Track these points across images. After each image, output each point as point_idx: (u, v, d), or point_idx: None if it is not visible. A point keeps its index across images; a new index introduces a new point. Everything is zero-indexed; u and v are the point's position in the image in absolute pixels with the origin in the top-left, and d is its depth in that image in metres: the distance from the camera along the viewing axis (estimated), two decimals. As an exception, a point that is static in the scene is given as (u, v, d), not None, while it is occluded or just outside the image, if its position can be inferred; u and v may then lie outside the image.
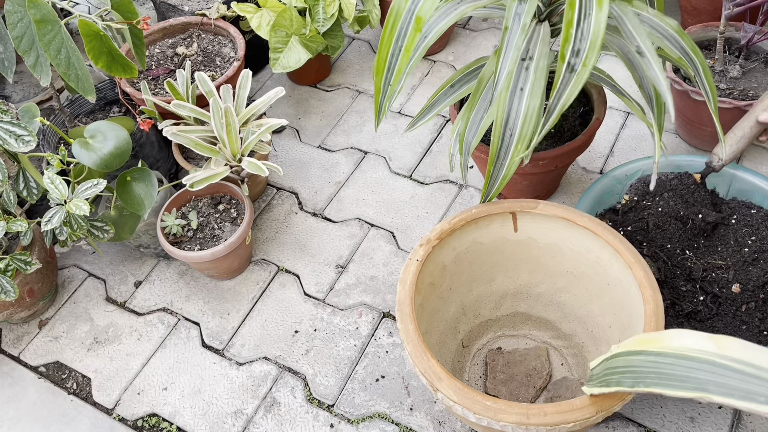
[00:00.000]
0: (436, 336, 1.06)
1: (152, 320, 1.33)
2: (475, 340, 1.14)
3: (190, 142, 1.21)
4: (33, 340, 1.34)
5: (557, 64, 0.80)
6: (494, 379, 1.09)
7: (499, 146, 0.95)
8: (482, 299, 1.12)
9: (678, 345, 0.64)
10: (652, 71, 0.84)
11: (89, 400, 1.24)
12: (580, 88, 0.79)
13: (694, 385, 0.61)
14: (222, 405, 1.19)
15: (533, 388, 1.07)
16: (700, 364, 0.61)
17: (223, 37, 1.57)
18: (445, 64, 1.74)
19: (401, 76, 0.84)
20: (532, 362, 1.10)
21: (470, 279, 1.09)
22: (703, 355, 0.62)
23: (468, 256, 1.05)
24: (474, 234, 1.02)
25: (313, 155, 1.57)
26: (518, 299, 1.12)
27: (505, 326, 1.14)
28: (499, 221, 1.01)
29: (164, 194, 1.32)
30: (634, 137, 1.49)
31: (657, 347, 0.66)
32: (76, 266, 1.44)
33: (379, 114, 0.89)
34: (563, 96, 0.79)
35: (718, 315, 1.05)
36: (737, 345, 0.60)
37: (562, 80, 0.79)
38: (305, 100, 1.71)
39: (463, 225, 1.00)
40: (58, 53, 1.07)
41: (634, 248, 0.92)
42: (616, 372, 0.70)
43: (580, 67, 0.78)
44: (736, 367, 0.59)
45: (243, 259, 1.33)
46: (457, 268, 1.05)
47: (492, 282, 1.11)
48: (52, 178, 1.04)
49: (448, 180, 1.47)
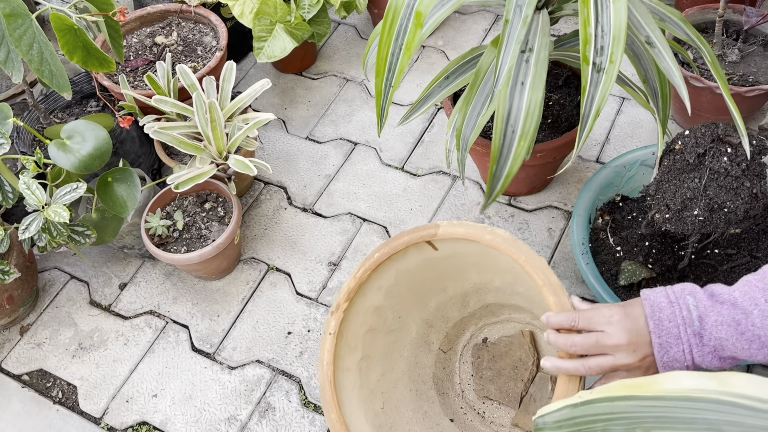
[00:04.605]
0: (403, 365, 1.03)
1: (139, 324, 1.28)
2: (457, 339, 1.10)
3: (174, 139, 1.15)
4: (14, 347, 1.28)
5: (581, 68, 0.75)
6: (481, 378, 1.06)
7: (501, 143, 0.91)
8: (444, 306, 1.07)
9: (677, 387, 0.61)
10: (663, 62, 0.80)
11: (76, 409, 1.20)
12: (611, 88, 0.74)
13: (705, 426, 0.57)
14: (215, 411, 1.16)
15: (521, 381, 1.04)
16: (706, 404, 0.58)
17: (204, 26, 1.50)
18: (435, 50, 1.68)
19: (402, 75, 0.79)
20: (517, 352, 1.06)
21: (419, 297, 1.04)
22: (707, 395, 0.58)
23: (401, 286, 0.99)
24: (395, 267, 0.96)
25: (301, 147, 1.52)
26: (481, 294, 1.07)
27: (484, 316, 1.10)
28: (413, 249, 0.94)
29: (147, 193, 1.26)
30: (630, 123, 1.45)
31: (651, 391, 0.63)
32: (57, 268, 1.39)
33: (381, 118, 0.84)
34: (596, 99, 0.75)
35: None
36: (742, 380, 0.57)
37: (591, 82, 0.75)
38: (291, 89, 1.65)
39: (370, 274, 0.93)
40: (30, 48, 1.00)
41: (526, 253, 0.85)
42: (598, 420, 0.66)
43: (607, 64, 0.73)
44: (745, 403, 0.56)
45: (232, 258, 1.29)
46: (396, 300, 1.00)
47: (445, 290, 1.06)
48: (29, 183, 0.98)
49: (441, 171, 1.43)
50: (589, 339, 0.74)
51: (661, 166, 0.90)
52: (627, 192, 1.21)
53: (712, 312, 0.69)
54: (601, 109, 0.76)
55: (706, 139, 0.85)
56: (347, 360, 0.93)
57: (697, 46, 0.89)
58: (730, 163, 0.86)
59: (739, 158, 0.85)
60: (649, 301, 0.72)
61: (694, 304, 0.70)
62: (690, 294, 0.71)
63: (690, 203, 0.86)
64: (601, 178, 1.18)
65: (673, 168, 0.88)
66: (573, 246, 1.10)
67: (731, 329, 0.68)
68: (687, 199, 0.86)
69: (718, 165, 0.86)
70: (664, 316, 0.71)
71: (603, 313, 0.75)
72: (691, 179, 0.86)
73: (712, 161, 0.84)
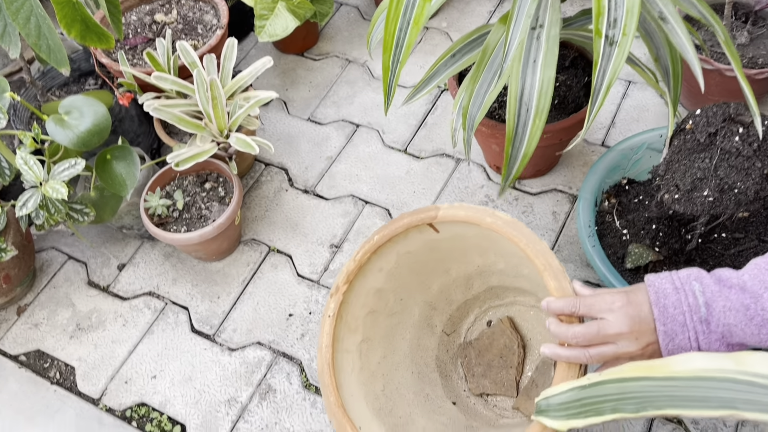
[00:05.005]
0: (405, 347, 1.01)
1: (138, 305, 1.27)
2: (460, 321, 1.09)
3: (174, 117, 1.13)
4: (11, 327, 1.27)
5: (593, 41, 0.73)
6: (473, 376, 1.04)
7: (515, 123, 0.89)
8: (447, 288, 1.06)
9: (690, 367, 0.60)
10: (676, 38, 0.79)
11: (74, 390, 1.18)
12: (624, 61, 0.73)
13: (719, 404, 0.57)
14: (215, 393, 1.14)
15: (512, 367, 1.02)
16: (721, 383, 0.57)
17: (205, 3, 1.47)
18: (438, 31, 1.66)
19: (411, 50, 0.77)
20: (500, 340, 1.04)
21: (421, 279, 1.02)
22: (722, 374, 0.58)
23: (403, 268, 0.98)
24: (396, 249, 0.94)
25: (302, 128, 1.50)
26: (485, 276, 1.05)
27: (488, 299, 1.09)
28: (414, 231, 0.92)
29: (146, 172, 1.24)
30: (636, 107, 1.44)
31: (664, 372, 0.62)
32: (54, 248, 1.37)
33: (388, 95, 0.82)
34: (608, 72, 0.73)
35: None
36: (759, 359, 0.56)
37: (603, 56, 0.73)
38: (292, 69, 1.63)
39: (369, 256, 0.92)
40: (27, 22, 0.98)
41: (527, 236, 0.83)
42: (607, 400, 0.65)
43: (620, 37, 0.71)
44: (762, 382, 0.55)
45: (232, 239, 1.27)
46: (398, 282, 0.99)
47: (448, 272, 1.04)
48: (26, 158, 0.96)
49: (444, 154, 1.41)
50: (591, 329, 0.72)
51: (671, 147, 0.88)
52: (633, 175, 1.19)
53: (720, 297, 0.67)
54: (612, 83, 0.74)
55: (717, 119, 0.83)
56: (347, 342, 0.92)
57: (711, 23, 0.87)
58: (741, 143, 0.84)
59: (751, 138, 0.84)
60: (654, 288, 0.70)
61: (701, 290, 0.68)
62: (696, 279, 0.69)
63: (700, 184, 0.84)
64: (608, 160, 1.16)
65: (684, 148, 0.86)
66: (579, 228, 1.09)
67: (740, 314, 0.66)
68: (697, 179, 0.84)
69: (729, 145, 0.84)
70: (669, 303, 0.69)
71: (605, 299, 0.73)
72: (702, 159, 0.84)
73: (723, 141, 0.82)
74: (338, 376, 0.87)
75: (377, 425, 0.87)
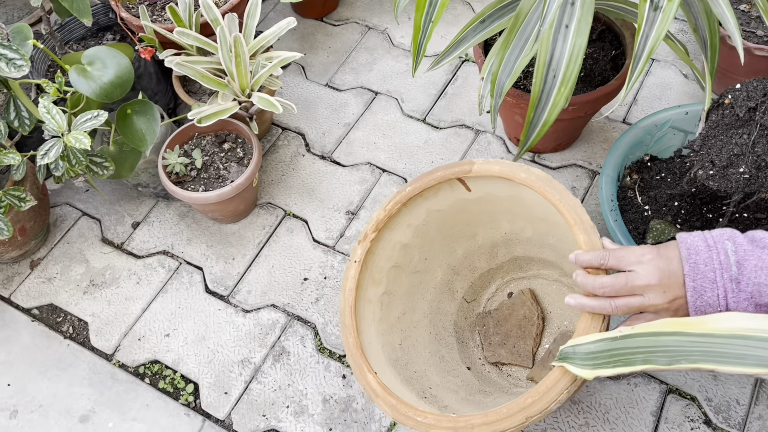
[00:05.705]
0: (425, 307, 1.01)
1: (152, 263, 1.26)
2: (482, 290, 1.09)
3: (197, 73, 1.12)
4: (24, 281, 1.26)
5: (638, 6, 0.72)
6: (490, 345, 1.04)
7: (541, 89, 0.88)
8: (472, 254, 1.06)
9: (728, 326, 0.61)
10: (718, 8, 0.77)
11: (87, 345, 1.18)
12: (668, 28, 0.71)
13: (755, 362, 0.58)
14: (228, 353, 1.14)
15: (530, 338, 1.03)
16: (759, 342, 0.58)
17: (226, -38, 1.45)
18: (461, 1, 1.63)
19: (444, 9, 0.76)
20: (520, 310, 1.05)
21: (448, 242, 1.02)
22: (763, 334, 0.58)
23: (431, 226, 0.98)
24: (426, 205, 0.94)
25: (320, 94, 1.48)
26: (511, 245, 1.05)
27: (511, 270, 1.09)
28: (446, 187, 0.92)
29: (164, 130, 1.23)
30: (658, 85, 1.42)
31: (701, 329, 0.62)
32: (68, 204, 1.36)
33: (417, 56, 0.81)
34: (650, 38, 0.72)
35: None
36: None
37: (647, 20, 0.72)
38: (311, 34, 1.61)
39: (400, 208, 0.92)
40: (51, -32, 0.96)
41: (560, 192, 0.82)
42: (638, 352, 0.65)
43: (665, 2, 0.70)
44: None
45: (249, 201, 1.26)
46: (424, 240, 0.99)
47: (475, 237, 1.04)
48: (49, 107, 0.95)
49: (464, 125, 1.40)
50: (619, 279, 0.72)
51: (708, 121, 0.87)
52: (656, 152, 1.18)
53: (752, 257, 0.67)
54: (654, 49, 0.73)
55: (758, 93, 0.82)
56: (370, 292, 0.92)
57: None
58: (780, 119, 0.83)
59: None
60: (686, 244, 0.70)
61: (733, 249, 0.68)
62: (729, 239, 0.69)
63: (736, 160, 0.83)
64: (631, 136, 1.15)
65: (721, 123, 0.85)
66: (601, 202, 1.08)
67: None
68: (734, 155, 0.83)
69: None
70: (701, 260, 0.69)
71: (635, 251, 0.73)
72: (740, 135, 0.83)
73: (763, 116, 0.81)
74: (359, 323, 0.88)
75: (392, 373, 0.87)
